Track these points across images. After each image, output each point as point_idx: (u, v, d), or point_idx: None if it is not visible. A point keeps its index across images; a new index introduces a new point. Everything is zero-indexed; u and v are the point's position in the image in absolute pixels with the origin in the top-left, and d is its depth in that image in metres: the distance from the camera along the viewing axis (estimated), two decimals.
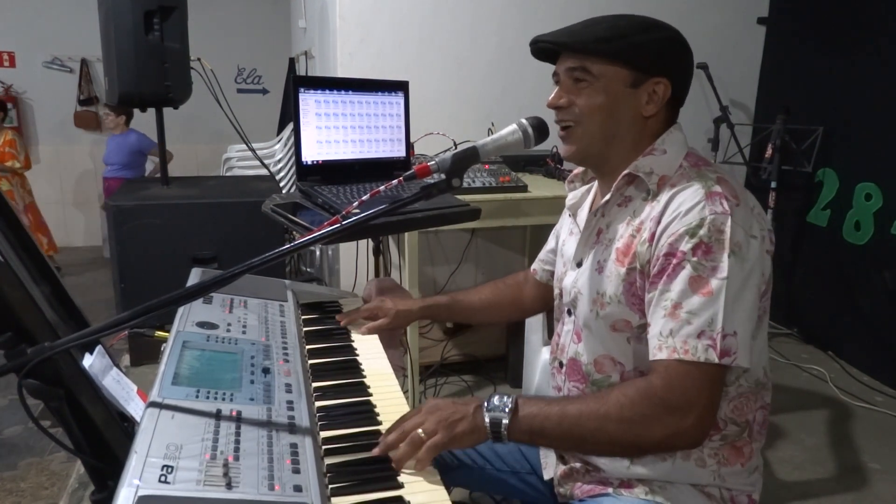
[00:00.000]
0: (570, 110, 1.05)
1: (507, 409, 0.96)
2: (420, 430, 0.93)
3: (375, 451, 0.92)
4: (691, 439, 0.96)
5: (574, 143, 1.07)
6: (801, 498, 2.13)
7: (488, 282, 1.47)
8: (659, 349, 0.94)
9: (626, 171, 1.04)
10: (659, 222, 0.98)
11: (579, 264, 1.13)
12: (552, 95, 1.07)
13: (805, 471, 2.28)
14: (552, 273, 1.36)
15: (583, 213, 1.20)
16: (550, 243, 1.38)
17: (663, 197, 1.00)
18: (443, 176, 1.00)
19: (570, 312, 1.16)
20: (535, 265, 1.43)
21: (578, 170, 1.25)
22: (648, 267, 0.99)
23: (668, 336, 0.93)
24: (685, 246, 0.93)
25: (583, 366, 1.11)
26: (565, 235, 1.25)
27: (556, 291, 1.23)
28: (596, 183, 1.21)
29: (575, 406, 0.96)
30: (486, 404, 0.97)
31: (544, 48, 1.08)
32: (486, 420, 0.96)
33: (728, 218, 0.93)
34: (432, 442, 0.92)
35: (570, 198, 1.25)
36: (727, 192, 0.96)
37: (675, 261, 0.94)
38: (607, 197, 1.08)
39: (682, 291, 0.93)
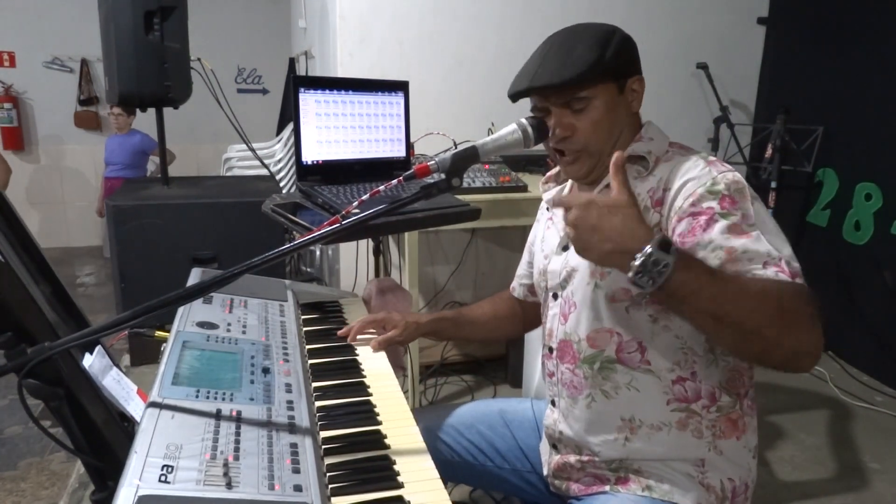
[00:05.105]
0: (574, 140, 1.08)
1: (670, 257, 0.81)
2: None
3: None
4: (816, 350, 0.86)
5: (584, 165, 1.10)
6: (801, 498, 2.13)
7: (485, 299, 1.49)
8: None
9: (625, 153, 1.05)
10: (666, 189, 1.02)
11: (565, 248, 1.15)
12: (557, 130, 1.07)
13: (805, 471, 2.28)
14: (529, 287, 1.39)
15: None
16: (525, 258, 1.41)
17: (659, 171, 1.05)
18: (443, 176, 1.00)
19: (555, 296, 1.17)
20: (513, 283, 1.45)
21: (552, 172, 1.29)
22: (657, 230, 1.00)
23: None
24: (710, 203, 0.96)
25: (573, 344, 1.12)
26: (542, 231, 1.27)
27: (541, 283, 1.23)
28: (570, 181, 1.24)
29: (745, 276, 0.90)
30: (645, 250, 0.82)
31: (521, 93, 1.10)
32: (651, 256, 0.81)
33: (736, 174, 0.99)
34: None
35: (548, 195, 1.30)
36: (722, 164, 1.02)
37: (704, 217, 0.95)
38: (605, 182, 1.08)
39: (725, 237, 0.92)
